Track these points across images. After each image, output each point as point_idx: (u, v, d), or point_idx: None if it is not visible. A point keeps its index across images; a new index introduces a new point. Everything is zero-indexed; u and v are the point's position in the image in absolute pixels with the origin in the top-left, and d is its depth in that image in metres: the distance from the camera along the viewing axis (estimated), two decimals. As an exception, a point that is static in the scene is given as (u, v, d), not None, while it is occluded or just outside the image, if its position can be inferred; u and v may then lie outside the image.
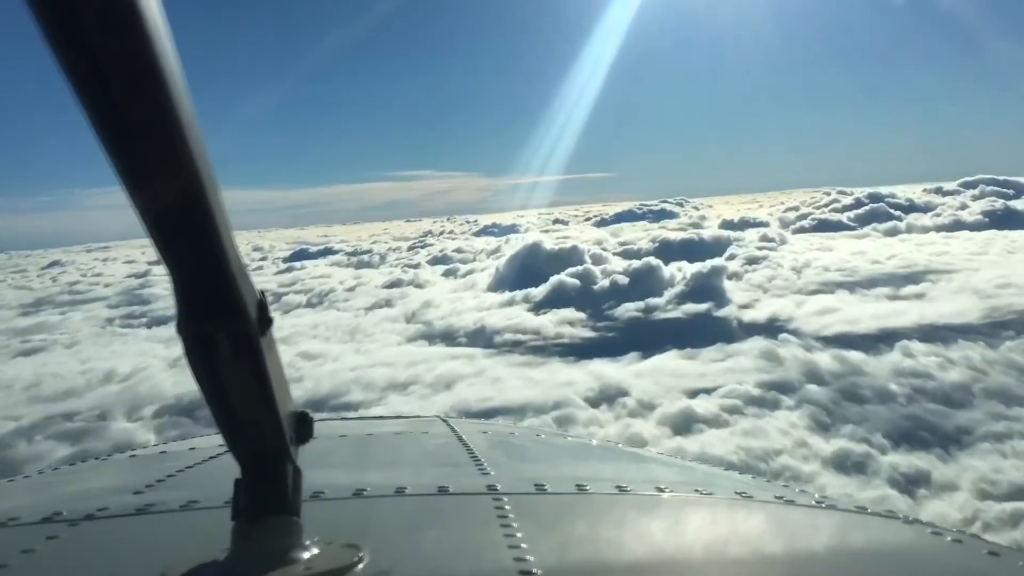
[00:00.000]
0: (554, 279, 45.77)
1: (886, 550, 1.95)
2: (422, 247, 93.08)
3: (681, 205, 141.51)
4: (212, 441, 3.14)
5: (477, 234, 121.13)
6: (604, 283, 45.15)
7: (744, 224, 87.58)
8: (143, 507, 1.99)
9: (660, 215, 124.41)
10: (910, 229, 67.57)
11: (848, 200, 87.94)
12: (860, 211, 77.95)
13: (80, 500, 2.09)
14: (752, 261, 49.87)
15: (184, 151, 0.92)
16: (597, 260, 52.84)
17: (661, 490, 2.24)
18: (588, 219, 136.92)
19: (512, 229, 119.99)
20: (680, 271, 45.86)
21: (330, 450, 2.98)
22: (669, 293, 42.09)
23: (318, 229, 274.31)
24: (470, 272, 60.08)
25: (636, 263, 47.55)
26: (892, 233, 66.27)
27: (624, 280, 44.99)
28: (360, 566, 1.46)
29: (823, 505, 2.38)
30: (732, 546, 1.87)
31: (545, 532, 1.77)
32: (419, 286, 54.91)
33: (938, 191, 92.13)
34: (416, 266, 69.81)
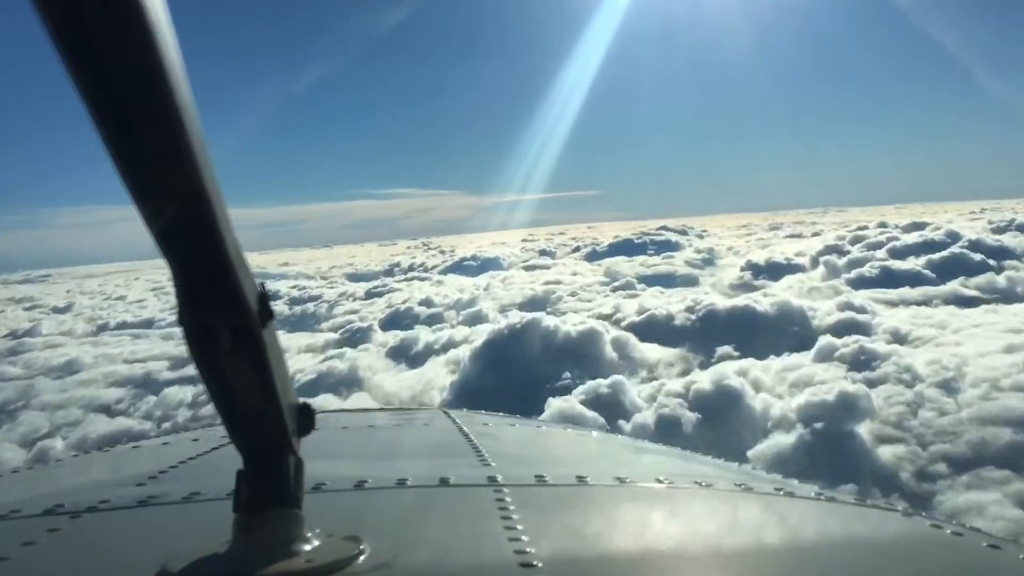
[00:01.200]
0: (556, 406, 27.28)
1: (886, 542, 1.96)
2: (380, 295, 75.29)
3: (685, 233, 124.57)
4: (214, 433, 3.18)
5: (452, 268, 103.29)
6: (643, 416, 27.05)
7: (776, 269, 70.89)
8: (145, 499, 2.01)
9: (663, 247, 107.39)
10: (1014, 284, 50.84)
11: (911, 238, 70.81)
12: (935, 257, 60.84)
13: (82, 492, 2.12)
14: (861, 362, 30.84)
15: (185, 142, 0.92)
16: (621, 351, 35.52)
17: (661, 482, 2.25)
18: (576, 248, 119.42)
19: (493, 264, 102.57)
20: (772, 394, 28.31)
21: (332, 442, 3.03)
22: (765, 449, 24.46)
23: (284, 254, 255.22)
24: (430, 353, 42.37)
25: (701, 386, 28.56)
26: (990, 291, 49.57)
27: (681, 414, 26.86)
28: (361, 558, 1.47)
29: (823, 497, 2.37)
30: (732, 537, 1.87)
31: (546, 523, 1.79)
32: (350, 384, 37.12)
33: (1012, 226, 75.92)
34: (365, 331, 52.35)
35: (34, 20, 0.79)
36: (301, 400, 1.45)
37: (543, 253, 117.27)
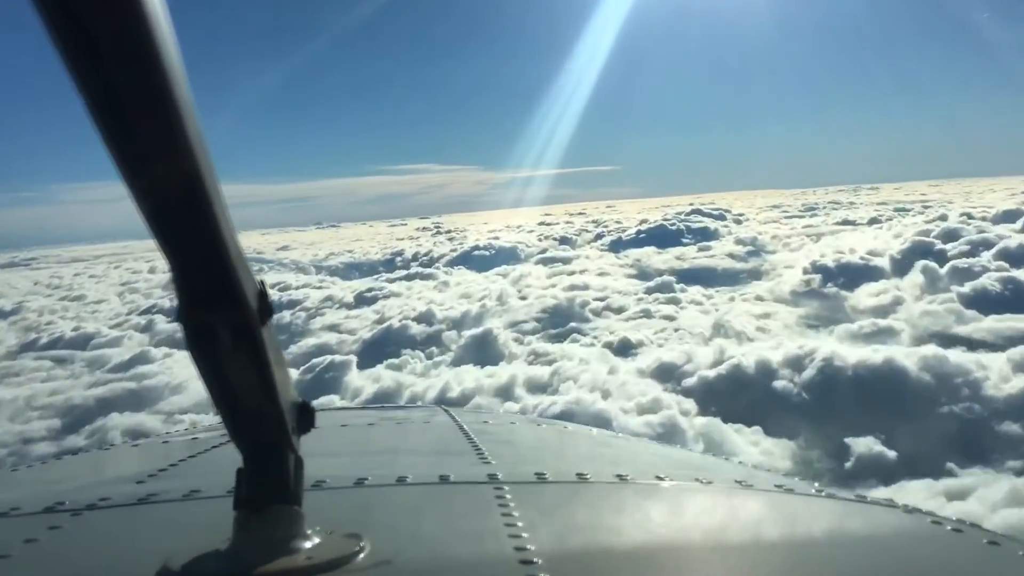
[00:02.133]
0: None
1: (886, 538, 1.94)
2: (373, 300, 62.45)
3: (721, 218, 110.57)
4: (214, 431, 3.20)
5: (461, 259, 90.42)
6: None
7: (850, 272, 57.33)
8: (145, 497, 2.01)
9: (698, 234, 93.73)
10: None
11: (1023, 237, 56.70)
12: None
13: (82, 490, 2.11)
14: None
15: (180, 130, 0.89)
16: (713, 450, 22.37)
17: (661, 479, 2.24)
18: (599, 236, 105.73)
19: (507, 255, 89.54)
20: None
21: (332, 440, 3.02)
22: None
23: (287, 235, 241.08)
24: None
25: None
26: None
27: None
28: (362, 555, 1.47)
29: (823, 494, 2.35)
30: (732, 534, 1.87)
31: (546, 521, 1.79)
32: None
33: None
34: (337, 371, 39.53)
35: None
36: (301, 398, 1.44)
37: (563, 241, 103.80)
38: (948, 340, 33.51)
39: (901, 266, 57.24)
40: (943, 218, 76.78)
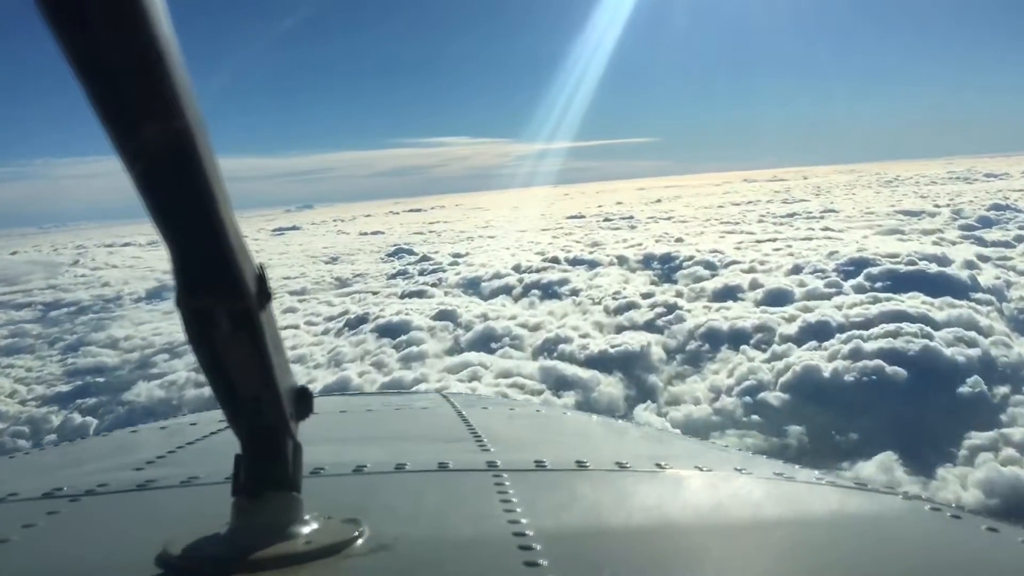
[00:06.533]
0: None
1: (886, 525, 1.94)
2: None
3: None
4: (212, 417, 3.13)
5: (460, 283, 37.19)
6: None
7: None
8: (144, 483, 2.01)
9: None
10: None
11: None
12: None
13: (81, 476, 2.11)
14: None
15: (169, 89, 0.86)
16: None
17: (661, 466, 2.22)
18: (692, 336, 48.97)
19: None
20: None
21: (330, 426, 3.02)
22: None
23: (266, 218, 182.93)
24: None
25: None
26: None
27: None
28: (360, 541, 1.48)
29: (822, 481, 2.35)
30: (732, 521, 1.86)
31: (544, 508, 1.80)
32: None
33: None
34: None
35: None
36: (299, 384, 1.43)
37: (621, 324, 46.00)
38: None
39: None
40: None
